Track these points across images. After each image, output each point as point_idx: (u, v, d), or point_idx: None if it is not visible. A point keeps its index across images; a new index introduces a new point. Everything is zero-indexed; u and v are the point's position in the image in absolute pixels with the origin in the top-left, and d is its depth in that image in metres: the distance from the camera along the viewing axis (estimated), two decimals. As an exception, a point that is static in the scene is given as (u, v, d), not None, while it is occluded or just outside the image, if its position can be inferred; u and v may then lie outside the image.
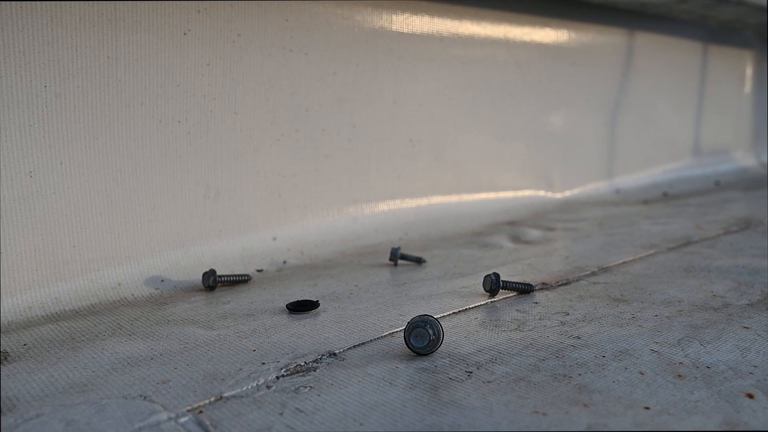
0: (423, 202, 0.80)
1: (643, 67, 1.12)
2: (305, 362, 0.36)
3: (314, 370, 0.35)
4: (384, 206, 0.76)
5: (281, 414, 0.30)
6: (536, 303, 0.47)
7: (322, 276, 0.57)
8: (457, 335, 0.41)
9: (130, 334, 0.43)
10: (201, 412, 0.31)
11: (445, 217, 0.80)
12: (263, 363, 0.36)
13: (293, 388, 0.33)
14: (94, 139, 0.53)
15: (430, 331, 0.36)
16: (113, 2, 0.52)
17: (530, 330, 0.41)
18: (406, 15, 0.76)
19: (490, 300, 0.48)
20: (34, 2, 0.48)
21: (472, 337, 0.40)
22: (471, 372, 0.35)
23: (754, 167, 1.40)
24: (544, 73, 0.95)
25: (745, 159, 1.42)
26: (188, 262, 0.58)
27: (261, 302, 0.49)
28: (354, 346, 0.39)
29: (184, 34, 0.57)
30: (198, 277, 0.56)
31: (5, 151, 0.48)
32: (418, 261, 0.61)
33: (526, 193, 0.94)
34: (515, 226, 0.79)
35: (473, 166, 0.86)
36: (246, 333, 0.42)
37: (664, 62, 1.18)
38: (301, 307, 0.47)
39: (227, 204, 0.62)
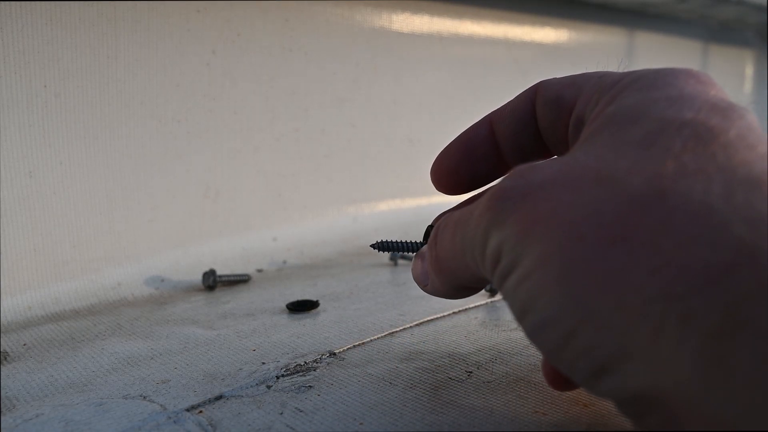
0: (423, 202, 0.80)
1: (643, 67, 1.12)
2: (305, 362, 0.36)
3: (314, 370, 0.35)
4: (384, 206, 0.76)
5: (281, 414, 0.30)
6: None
7: (322, 276, 0.57)
8: (457, 335, 0.40)
9: (130, 334, 0.43)
10: (201, 411, 0.31)
11: (445, 217, 0.80)
12: (263, 363, 0.36)
13: (293, 387, 0.33)
14: (94, 139, 0.53)
15: None
16: (113, 2, 0.52)
17: (530, 330, 0.41)
18: (406, 15, 0.76)
19: (490, 299, 0.48)
20: (33, 2, 0.48)
21: (472, 337, 0.40)
22: (471, 372, 0.34)
23: (754, 167, 1.40)
24: (544, 73, 0.94)
25: (745, 159, 1.41)
26: (188, 262, 0.58)
27: (261, 302, 0.49)
28: (354, 346, 0.39)
29: (184, 33, 0.57)
30: (198, 277, 0.56)
31: (5, 151, 0.48)
32: (418, 261, 0.61)
33: (526, 192, 0.94)
34: (515, 226, 0.79)
35: (473, 166, 0.86)
36: (246, 333, 0.42)
37: (664, 62, 1.17)
38: (301, 307, 0.47)
39: (227, 204, 0.62)
